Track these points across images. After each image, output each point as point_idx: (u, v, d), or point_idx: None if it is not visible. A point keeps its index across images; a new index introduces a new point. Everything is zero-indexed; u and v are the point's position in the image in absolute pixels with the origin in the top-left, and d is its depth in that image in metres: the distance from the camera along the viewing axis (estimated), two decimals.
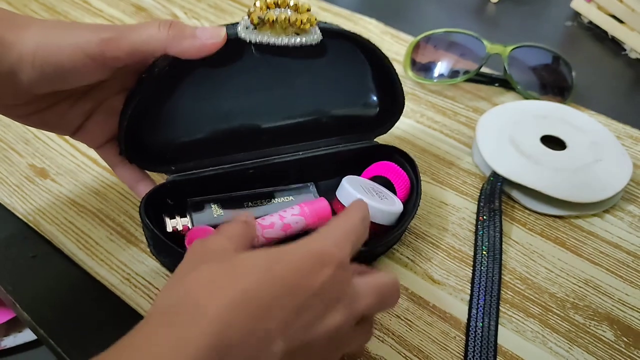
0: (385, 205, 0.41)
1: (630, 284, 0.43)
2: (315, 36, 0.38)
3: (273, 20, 0.36)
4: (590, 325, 0.40)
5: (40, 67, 0.32)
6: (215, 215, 0.41)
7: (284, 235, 0.40)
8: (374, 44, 0.41)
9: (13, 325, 0.67)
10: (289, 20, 0.36)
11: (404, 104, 0.45)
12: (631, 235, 0.46)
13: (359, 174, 0.45)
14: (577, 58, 0.61)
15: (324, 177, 0.46)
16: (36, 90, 0.33)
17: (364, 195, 0.40)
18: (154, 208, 0.40)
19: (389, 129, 0.46)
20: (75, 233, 0.43)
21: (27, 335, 0.66)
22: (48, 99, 0.35)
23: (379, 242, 0.40)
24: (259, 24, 0.36)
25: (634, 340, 0.39)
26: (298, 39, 0.37)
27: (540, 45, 0.60)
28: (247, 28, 0.36)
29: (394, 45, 0.66)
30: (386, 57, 0.42)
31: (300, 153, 0.45)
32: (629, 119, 0.58)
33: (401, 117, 0.56)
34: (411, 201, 0.43)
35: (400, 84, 0.44)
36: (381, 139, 0.47)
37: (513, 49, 0.58)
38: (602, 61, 0.69)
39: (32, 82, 0.32)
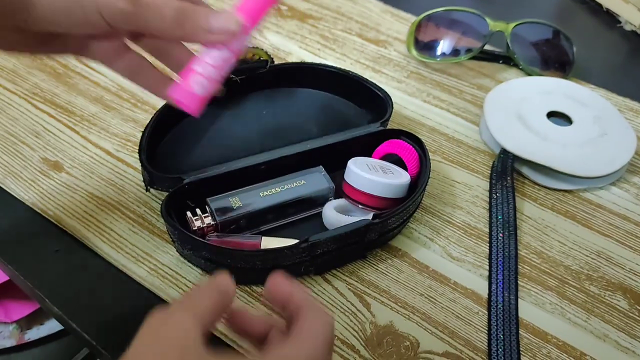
0: (391, 179, 0.42)
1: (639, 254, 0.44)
2: None
3: None
4: (605, 296, 0.42)
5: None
6: (234, 207, 0.42)
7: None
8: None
9: (34, 318, 0.67)
10: None
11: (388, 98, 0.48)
12: (638, 206, 0.48)
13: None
14: (573, 32, 0.62)
15: (335, 165, 0.47)
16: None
17: (369, 173, 0.42)
18: (174, 208, 0.41)
19: (387, 120, 0.48)
20: (97, 226, 0.43)
21: (49, 328, 0.67)
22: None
23: (392, 214, 0.40)
24: None
25: None
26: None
27: (542, 21, 0.60)
28: None
29: (394, 24, 0.67)
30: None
31: (309, 145, 0.46)
32: (627, 92, 0.60)
33: (408, 97, 0.57)
34: (421, 174, 0.44)
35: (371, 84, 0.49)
36: (391, 122, 0.48)
37: (515, 25, 0.59)
38: (597, 34, 0.70)
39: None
